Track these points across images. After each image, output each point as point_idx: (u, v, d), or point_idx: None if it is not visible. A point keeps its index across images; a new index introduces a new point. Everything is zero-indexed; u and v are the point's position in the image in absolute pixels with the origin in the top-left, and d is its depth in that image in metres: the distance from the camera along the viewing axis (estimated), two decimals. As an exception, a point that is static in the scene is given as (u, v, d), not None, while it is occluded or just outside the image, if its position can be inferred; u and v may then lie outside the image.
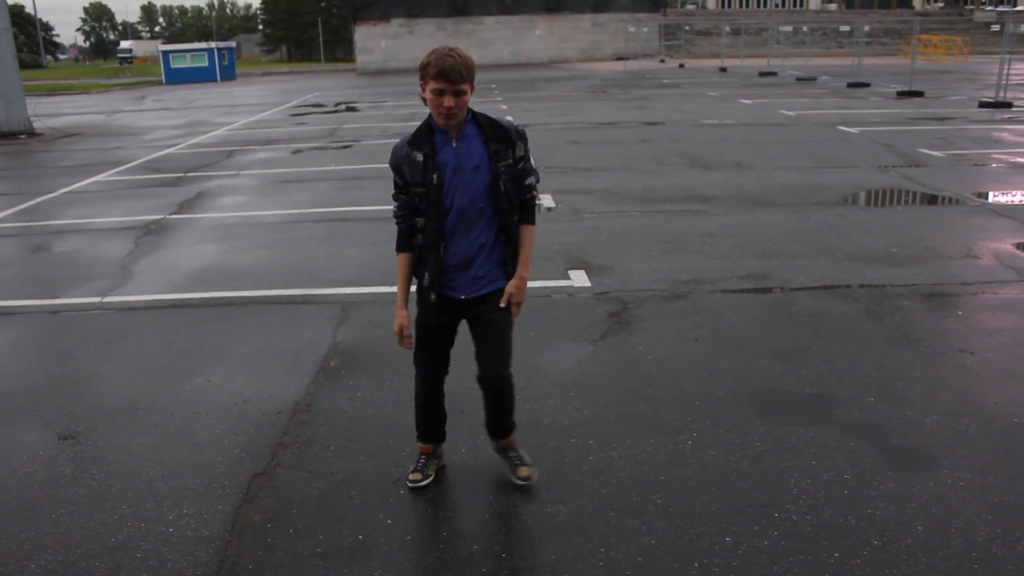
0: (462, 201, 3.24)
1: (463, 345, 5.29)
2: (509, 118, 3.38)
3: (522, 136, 3.33)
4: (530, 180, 3.37)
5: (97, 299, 6.59)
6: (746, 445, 3.93)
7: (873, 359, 4.90)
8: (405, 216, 3.35)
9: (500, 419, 3.65)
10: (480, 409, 3.74)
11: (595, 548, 3.19)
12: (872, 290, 6.17)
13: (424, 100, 3.19)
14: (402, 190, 3.31)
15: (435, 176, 3.21)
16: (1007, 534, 3.20)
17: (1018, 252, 7.10)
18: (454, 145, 3.23)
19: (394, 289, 3.73)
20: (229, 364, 5.17)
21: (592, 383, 4.65)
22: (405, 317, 3.54)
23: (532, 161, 3.39)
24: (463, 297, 3.42)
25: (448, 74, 3.07)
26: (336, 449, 4.02)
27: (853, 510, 3.38)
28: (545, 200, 9.15)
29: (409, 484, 3.66)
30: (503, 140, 3.26)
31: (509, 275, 3.40)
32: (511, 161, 3.28)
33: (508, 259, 3.39)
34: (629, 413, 4.29)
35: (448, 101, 3.10)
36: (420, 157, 3.22)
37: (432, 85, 3.11)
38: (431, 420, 3.75)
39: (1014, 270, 6.56)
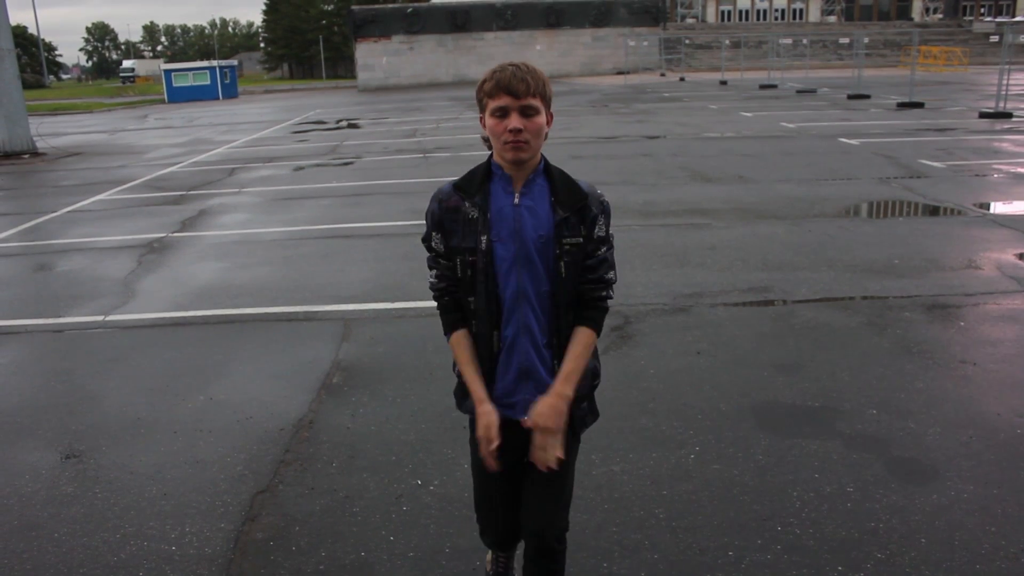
0: (520, 279, 2.36)
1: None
2: (592, 185, 2.43)
3: (605, 210, 2.41)
4: (607, 275, 2.42)
5: (100, 318, 6.61)
6: (749, 458, 3.93)
7: (875, 371, 4.89)
8: (448, 290, 2.45)
9: None
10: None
11: (598, 563, 3.19)
12: (874, 302, 6.17)
13: (485, 141, 2.38)
14: (442, 255, 2.43)
15: (484, 239, 2.33)
16: (1011, 546, 3.19)
17: (1019, 262, 7.10)
18: (516, 201, 2.35)
19: (396, 305, 3.36)
20: (231, 381, 5.18)
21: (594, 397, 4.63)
22: (492, 412, 2.41)
23: (613, 251, 2.45)
24: (520, 417, 2.43)
25: (510, 85, 2.23)
26: (339, 466, 4.02)
27: (856, 523, 3.38)
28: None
29: None
30: (576, 209, 2.35)
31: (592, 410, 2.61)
32: (582, 241, 2.36)
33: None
34: (631, 427, 4.29)
35: (514, 122, 2.24)
36: (471, 212, 2.35)
37: (492, 104, 2.27)
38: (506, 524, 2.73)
39: (1016, 280, 6.56)
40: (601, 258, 2.40)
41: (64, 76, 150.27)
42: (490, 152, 2.39)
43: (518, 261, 2.34)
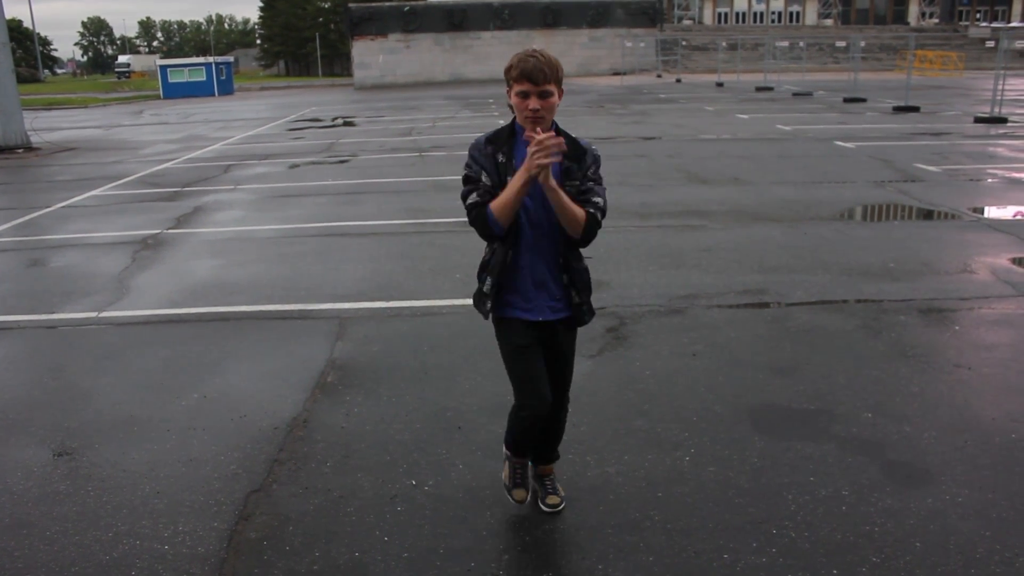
0: (537, 215, 3.12)
1: (465, 362, 5.30)
2: (589, 141, 3.23)
3: (596, 160, 3.20)
4: (596, 199, 3.14)
5: (93, 314, 6.58)
6: (744, 461, 3.92)
7: (870, 374, 4.89)
8: (485, 202, 3.09)
9: (548, 446, 3.58)
10: (478, 427, 3.73)
11: (593, 565, 3.18)
12: (869, 305, 6.17)
13: (511, 107, 3.09)
14: (487, 186, 3.11)
15: (509, 179, 3.04)
16: (1006, 550, 3.19)
17: (1014, 267, 7.11)
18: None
19: (391, 304, 3.68)
20: (226, 380, 5.16)
21: (589, 399, 4.63)
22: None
23: (603, 188, 3.21)
24: (540, 319, 3.22)
25: (531, 74, 2.94)
26: (333, 465, 4.01)
27: (851, 526, 3.37)
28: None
29: (514, 502, 3.52)
30: (577, 159, 3.12)
31: (576, 309, 3.26)
32: (578, 182, 3.12)
33: (579, 290, 3.25)
34: (627, 429, 4.28)
35: (533, 103, 2.96)
36: (502, 159, 3.10)
37: (516, 88, 2.99)
38: (535, 436, 3.46)
39: (1010, 285, 6.57)
40: (592, 190, 3.16)
41: (59, 71, 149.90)
42: (514, 115, 3.11)
43: (534, 199, 3.08)
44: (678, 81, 43.32)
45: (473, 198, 3.13)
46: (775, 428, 4.25)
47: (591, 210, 3.13)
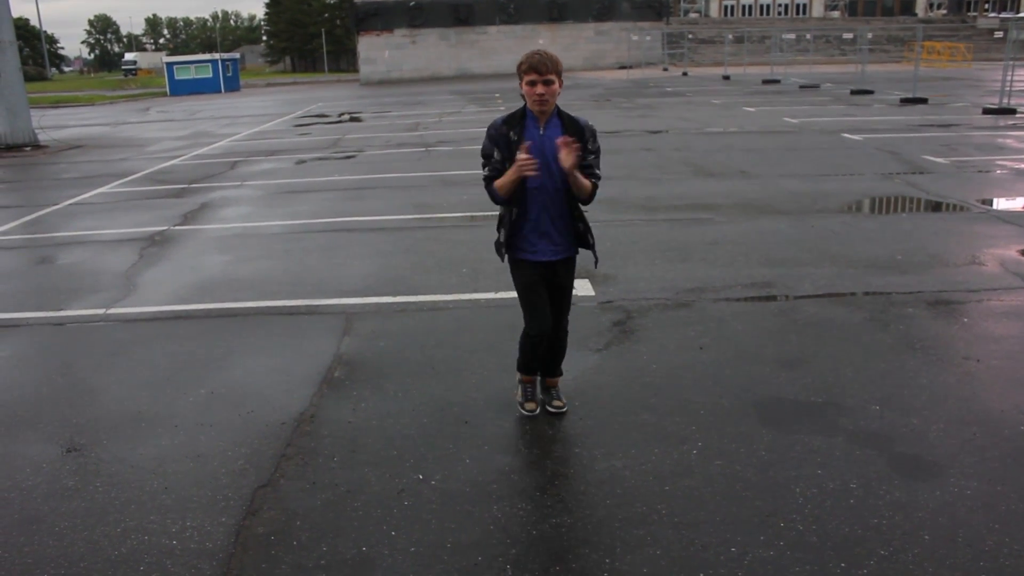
0: (543, 179, 3.90)
1: (472, 356, 5.30)
2: (586, 118, 4.01)
3: (593, 134, 3.99)
4: (595, 171, 3.99)
5: (101, 311, 6.60)
6: (751, 454, 3.91)
7: (878, 367, 4.88)
8: (495, 176, 3.96)
9: (553, 362, 4.39)
10: (485, 422, 3.73)
11: (600, 559, 3.18)
12: (877, 298, 6.15)
13: (523, 96, 3.90)
14: (497, 162, 3.95)
15: (518, 155, 3.80)
16: (1015, 543, 3.17)
17: (1023, 259, 7.07)
18: (541, 132, 3.92)
19: (398, 299, 3.79)
20: (233, 375, 5.17)
21: (596, 392, 4.63)
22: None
23: (599, 161, 4.03)
24: (544, 260, 4.07)
25: (537, 66, 3.78)
26: (340, 460, 4.01)
27: (859, 519, 3.36)
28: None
29: (526, 413, 4.35)
30: (576, 135, 3.86)
31: (574, 251, 4.14)
32: (581, 153, 3.84)
33: (580, 232, 4.10)
34: (634, 422, 4.28)
35: (539, 88, 3.80)
36: (514, 137, 3.89)
37: (526, 78, 3.82)
38: (538, 356, 4.30)
39: (1019, 277, 6.54)
40: (590, 162, 3.98)
41: (66, 69, 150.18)
42: (524, 102, 3.94)
43: (541, 168, 3.84)
44: (684, 74, 43.20)
45: (485, 171, 4.02)
46: (782, 421, 4.24)
47: (593, 180, 3.98)
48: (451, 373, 5.03)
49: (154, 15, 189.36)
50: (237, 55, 65.93)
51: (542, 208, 4.00)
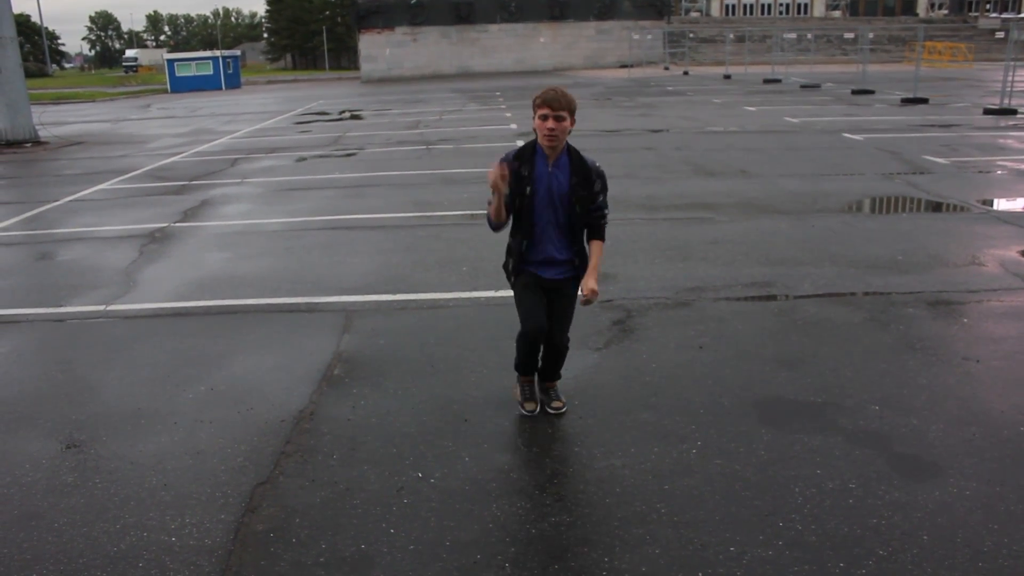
0: (548, 215, 4.04)
1: (472, 355, 5.30)
2: (594, 159, 4.11)
3: (600, 176, 4.10)
4: (604, 212, 4.17)
5: (101, 307, 6.60)
6: (751, 454, 3.92)
7: (878, 367, 4.88)
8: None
9: (551, 368, 4.44)
10: (485, 420, 3.73)
11: (599, 558, 3.18)
12: (877, 298, 6.15)
13: (535, 130, 3.96)
14: (505, 196, 3.98)
15: (528, 189, 3.98)
16: (1013, 543, 3.18)
17: (1023, 259, 7.07)
18: (549, 169, 4.00)
19: (398, 297, 3.84)
20: (233, 372, 5.17)
21: (596, 391, 4.63)
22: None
23: (607, 199, 4.18)
24: (547, 277, 4.18)
25: (550, 102, 3.87)
26: (339, 458, 4.01)
27: (858, 519, 3.37)
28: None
29: (526, 413, 4.39)
30: (584, 177, 4.02)
31: (579, 272, 4.17)
32: (587, 195, 4.03)
33: (580, 262, 4.18)
34: (633, 422, 4.28)
35: (550, 123, 3.88)
36: (524, 172, 3.98)
37: (539, 112, 3.90)
38: (536, 360, 4.37)
39: (1019, 277, 6.54)
40: (600, 203, 4.14)
41: (67, 65, 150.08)
42: (535, 137, 3.99)
43: (547, 204, 4.03)
44: (685, 74, 43.18)
45: (487, 207, 4.10)
46: (782, 421, 4.24)
47: (600, 223, 4.19)
48: (451, 371, 5.03)
49: (155, 12, 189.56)
50: (238, 52, 65.91)
51: (548, 240, 4.11)
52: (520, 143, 4.29)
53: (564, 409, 4.42)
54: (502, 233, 4.24)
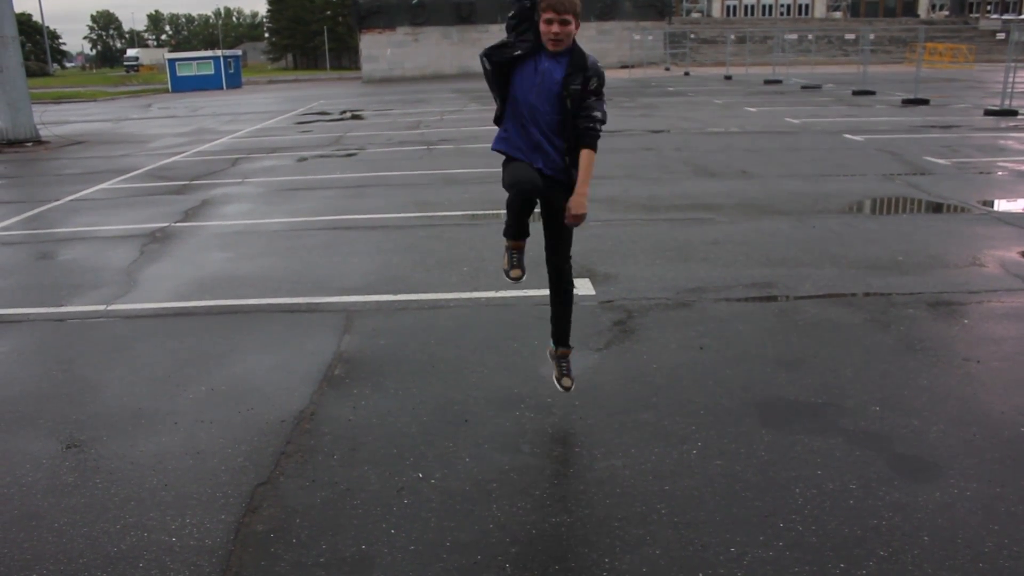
0: (538, 100, 3.89)
1: (473, 355, 5.30)
2: (596, 59, 3.98)
3: (598, 74, 3.93)
4: (595, 113, 3.93)
5: (102, 307, 6.60)
6: (751, 454, 3.91)
7: (879, 368, 4.88)
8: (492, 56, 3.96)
9: (560, 316, 4.33)
10: (485, 420, 3.73)
11: (600, 558, 3.18)
12: (878, 299, 6.15)
13: (539, 34, 3.83)
14: (496, 51, 3.93)
15: (519, 66, 3.90)
16: (1014, 544, 3.17)
17: (1023, 260, 7.07)
18: (546, 62, 3.87)
19: (399, 297, 3.77)
20: (233, 372, 5.17)
21: (597, 392, 4.63)
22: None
23: (604, 103, 3.98)
24: (538, 166, 3.98)
25: (555, 6, 3.73)
26: (340, 458, 4.01)
27: (859, 520, 3.36)
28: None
29: (511, 280, 4.28)
30: (580, 68, 3.86)
31: (569, 179, 3.99)
32: (580, 88, 3.86)
33: (569, 164, 4.00)
34: (634, 422, 4.28)
35: (555, 27, 3.76)
36: (521, 51, 3.87)
37: (543, 16, 3.76)
38: (525, 219, 4.17)
39: (1020, 278, 6.54)
40: (591, 105, 3.94)
41: (68, 64, 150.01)
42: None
43: (539, 88, 3.89)
44: (686, 74, 43.18)
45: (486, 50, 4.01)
46: (782, 421, 4.24)
47: (589, 125, 3.94)
48: (451, 372, 5.03)
49: (156, 11, 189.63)
50: (239, 52, 65.93)
51: (534, 123, 3.95)
52: None
53: (572, 387, 4.36)
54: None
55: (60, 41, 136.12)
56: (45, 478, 3.95)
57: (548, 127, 3.94)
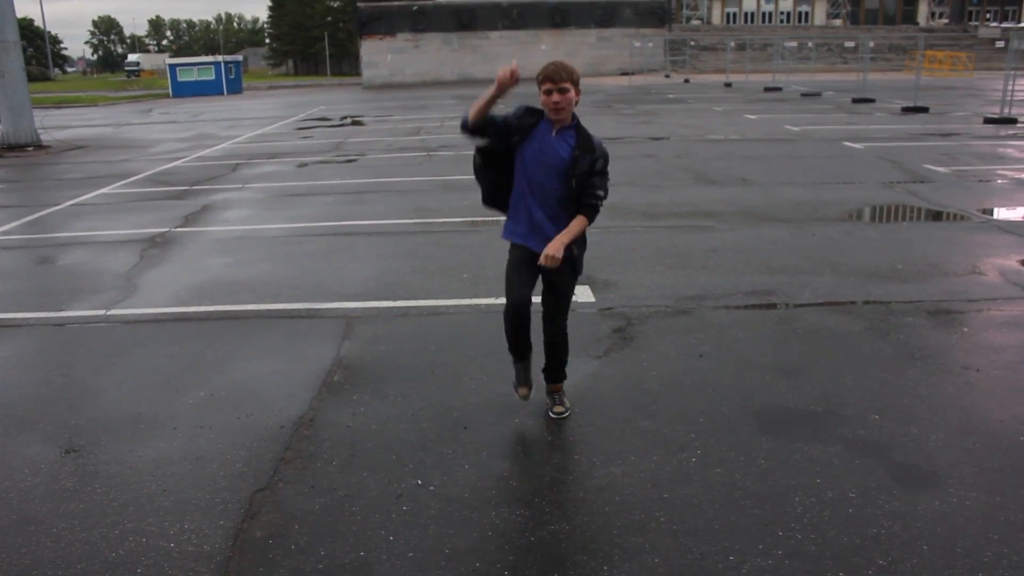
0: (542, 176, 4.01)
1: (472, 362, 5.30)
2: (601, 139, 4.09)
3: (604, 155, 4.04)
4: (598, 192, 4.03)
5: (102, 312, 6.60)
6: (750, 463, 3.91)
7: (878, 376, 4.88)
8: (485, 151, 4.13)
9: (551, 362, 4.43)
10: (484, 427, 3.73)
11: (598, 566, 3.17)
12: (877, 307, 6.15)
13: (543, 106, 3.97)
14: (503, 117, 4.00)
15: (523, 140, 4.00)
16: (1014, 554, 3.17)
17: (1023, 269, 7.08)
18: (553, 135, 3.99)
19: (399, 304, 3.82)
20: (232, 378, 5.17)
21: (596, 399, 4.63)
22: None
23: (607, 181, 4.09)
24: (536, 250, 4.05)
25: (551, 75, 3.86)
26: (339, 464, 4.01)
27: (858, 529, 3.36)
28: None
29: (519, 397, 4.43)
30: (588, 151, 3.97)
31: (570, 252, 4.05)
32: (587, 169, 3.97)
33: (572, 247, 4.07)
34: (633, 430, 4.28)
35: (555, 97, 3.88)
36: (529, 122, 4.00)
37: (542, 87, 3.90)
38: (522, 339, 4.31)
39: (1019, 287, 6.54)
40: (594, 184, 4.02)
41: (69, 69, 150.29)
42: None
43: (542, 165, 4.00)
44: (686, 81, 43.23)
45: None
46: (782, 430, 4.23)
47: (591, 202, 4.03)
48: (451, 378, 5.03)
49: (157, 17, 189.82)
50: (240, 57, 65.91)
51: (536, 203, 4.06)
52: None
53: (566, 414, 4.41)
54: (503, 241, 4.24)
55: (61, 46, 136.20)
56: (44, 483, 3.94)
57: (551, 202, 4.04)
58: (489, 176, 4.19)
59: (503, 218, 4.28)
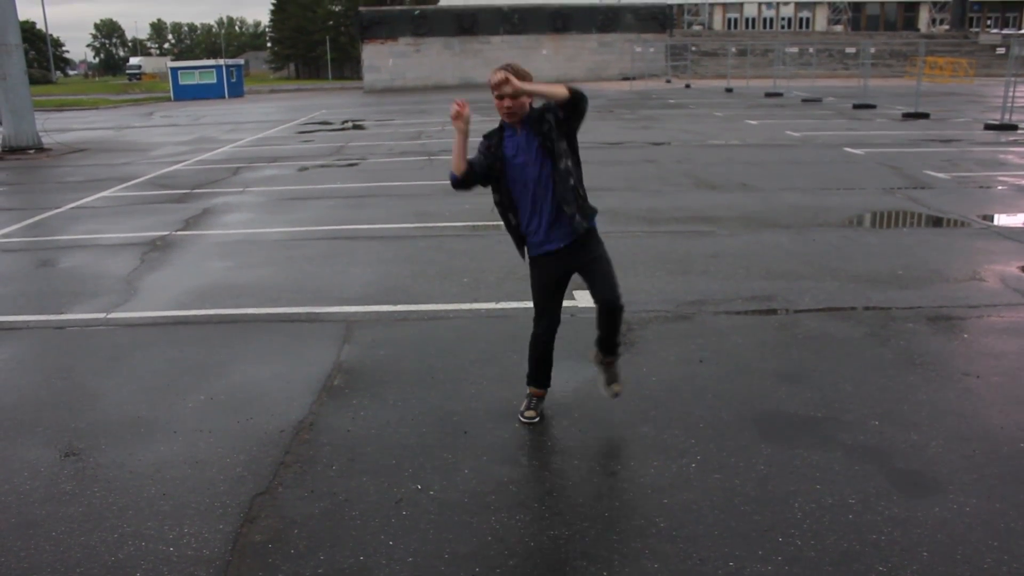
0: (534, 172, 4.02)
1: (472, 366, 5.30)
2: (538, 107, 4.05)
3: (551, 108, 3.95)
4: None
5: (102, 315, 6.60)
6: (750, 468, 3.91)
7: (878, 382, 4.87)
8: (472, 170, 4.11)
9: (606, 335, 4.30)
10: (484, 432, 3.72)
11: (598, 571, 3.17)
12: (877, 313, 6.15)
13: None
14: (475, 164, 4.11)
15: (499, 164, 4.05)
16: (1014, 560, 3.17)
17: (1023, 275, 7.08)
18: (517, 134, 4.03)
19: (399, 308, 3.80)
20: (232, 382, 5.17)
21: (595, 405, 4.63)
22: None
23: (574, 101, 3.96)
24: (563, 245, 4.12)
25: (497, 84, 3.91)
26: (339, 469, 4.01)
27: (858, 535, 3.36)
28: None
29: (524, 420, 4.38)
30: (540, 122, 3.96)
31: (588, 233, 4.13)
32: (552, 125, 3.95)
33: (577, 213, 4.07)
34: (632, 435, 4.27)
35: (506, 102, 3.94)
36: (494, 141, 4.07)
37: (495, 96, 3.96)
38: (544, 367, 4.40)
39: (1020, 293, 6.54)
40: (565, 116, 3.96)
41: (71, 72, 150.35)
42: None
43: (525, 167, 4.03)
44: (687, 87, 43.27)
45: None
46: (782, 435, 4.23)
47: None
48: (451, 383, 5.03)
49: (159, 20, 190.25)
50: (241, 61, 66.00)
51: (534, 206, 4.09)
52: None
53: (620, 393, 4.43)
54: (505, 242, 4.24)
55: (63, 49, 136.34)
56: (43, 486, 3.94)
57: (551, 186, 4.03)
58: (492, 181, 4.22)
59: (503, 224, 4.27)
